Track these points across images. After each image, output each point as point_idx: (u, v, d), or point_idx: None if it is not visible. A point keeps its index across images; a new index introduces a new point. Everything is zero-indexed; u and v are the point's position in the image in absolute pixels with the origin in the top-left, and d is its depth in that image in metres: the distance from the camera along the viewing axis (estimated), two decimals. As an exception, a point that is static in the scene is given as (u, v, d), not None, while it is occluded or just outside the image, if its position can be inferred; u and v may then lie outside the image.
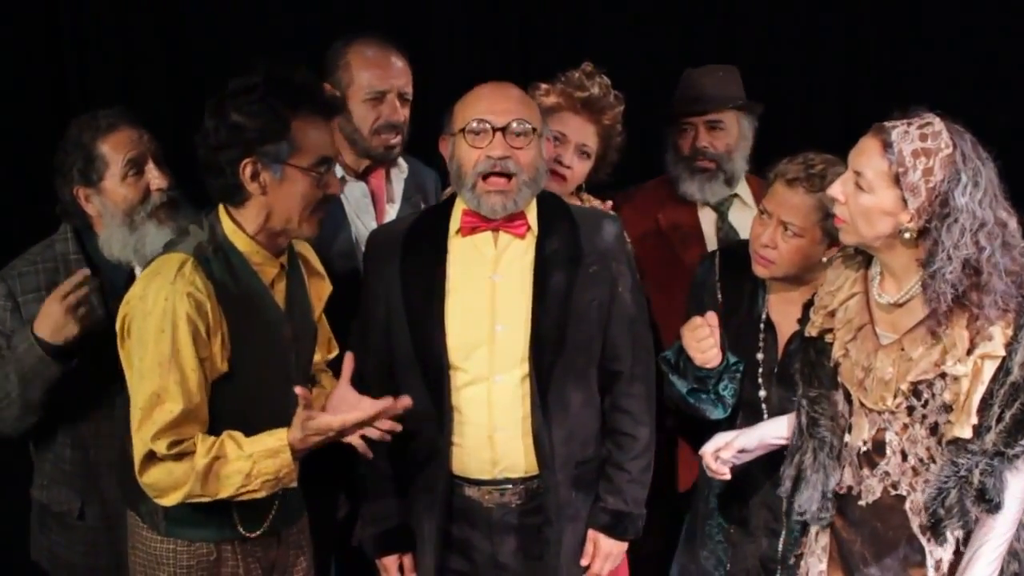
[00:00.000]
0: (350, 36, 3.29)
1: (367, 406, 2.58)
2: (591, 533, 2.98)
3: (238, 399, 2.63)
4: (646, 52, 4.41)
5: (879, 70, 4.47)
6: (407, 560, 2.99)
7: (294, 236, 2.71)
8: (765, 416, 3.07)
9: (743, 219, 3.53)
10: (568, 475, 2.91)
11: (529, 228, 2.88)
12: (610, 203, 3.41)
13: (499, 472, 2.88)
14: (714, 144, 3.57)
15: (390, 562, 2.99)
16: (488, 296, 2.85)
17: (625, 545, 3.03)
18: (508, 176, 2.79)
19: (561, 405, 2.86)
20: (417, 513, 2.95)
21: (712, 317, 2.95)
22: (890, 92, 4.37)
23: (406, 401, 2.60)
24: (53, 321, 2.81)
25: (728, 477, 2.92)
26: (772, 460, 2.97)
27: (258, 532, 2.72)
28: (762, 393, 3.08)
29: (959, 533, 2.61)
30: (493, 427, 2.85)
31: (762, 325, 3.09)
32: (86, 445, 2.99)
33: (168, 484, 2.56)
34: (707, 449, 2.92)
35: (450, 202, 2.93)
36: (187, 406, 2.54)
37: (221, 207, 2.66)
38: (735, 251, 3.19)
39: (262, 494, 2.59)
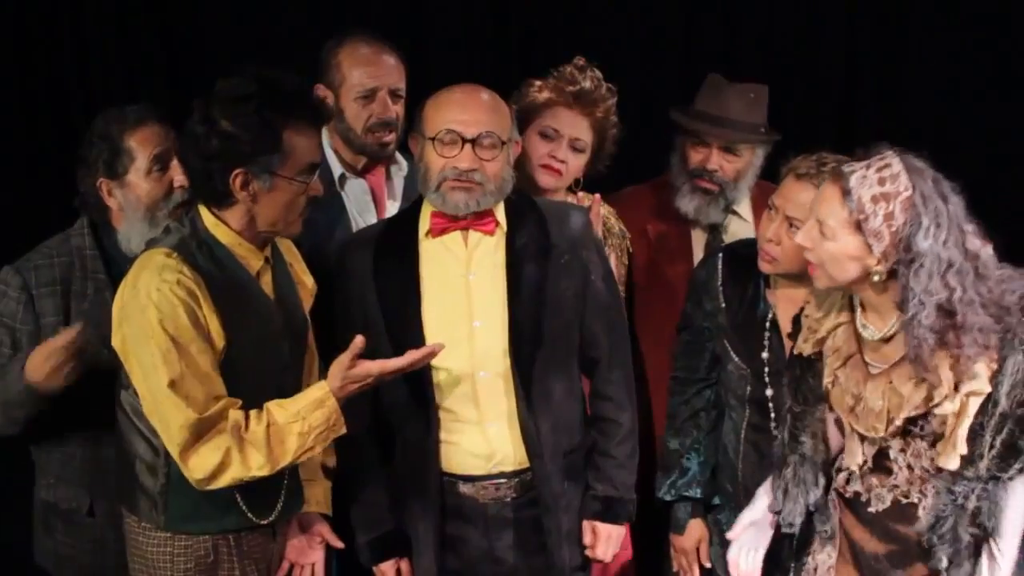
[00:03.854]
0: (342, 34, 3.30)
1: (406, 357, 2.61)
2: (586, 523, 2.99)
3: (241, 387, 2.63)
4: (646, 51, 4.41)
5: (879, 71, 4.46)
6: (404, 564, 2.99)
7: (277, 235, 2.73)
8: (772, 415, 3.07)
9: (738, 235, 3.50)
10: (558, 465, 2.92)
11: (498, 224, 2.89)
12: (598, 196, 3.37)
13: (493, 467, 2.89)
14: (724, 168, 3.48)
15: (387, 567, 2.99)
16: (464, 294, 2.86)
17: (623, 528, 3.04)
18: (473, 182, 2.80)
19: (545, 396, 2.87)
20: (411, 515, 2.95)
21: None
22: (890, 94, 4.38)
23: (439, 346, 2.65)
24: (41, 371, 2.78)
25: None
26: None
27: (268, 519, 2.73)
28: (769, 392, 3.07)
29: (949, 552, 2.61)
30: (484, 422, 2.86)
31: (768, 324, 3.09)
32: (96, 440, 2.97)
33: (213, 464, 2.54)
34: (731, 555, 2.89)
35: (417, 205, 2.94)
36: (201, 386, 2.54)
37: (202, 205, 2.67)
38: (738, 251, 3.18)
39: (318, 450, 2.60)
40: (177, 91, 4.09)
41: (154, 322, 2.52)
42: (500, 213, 2.89)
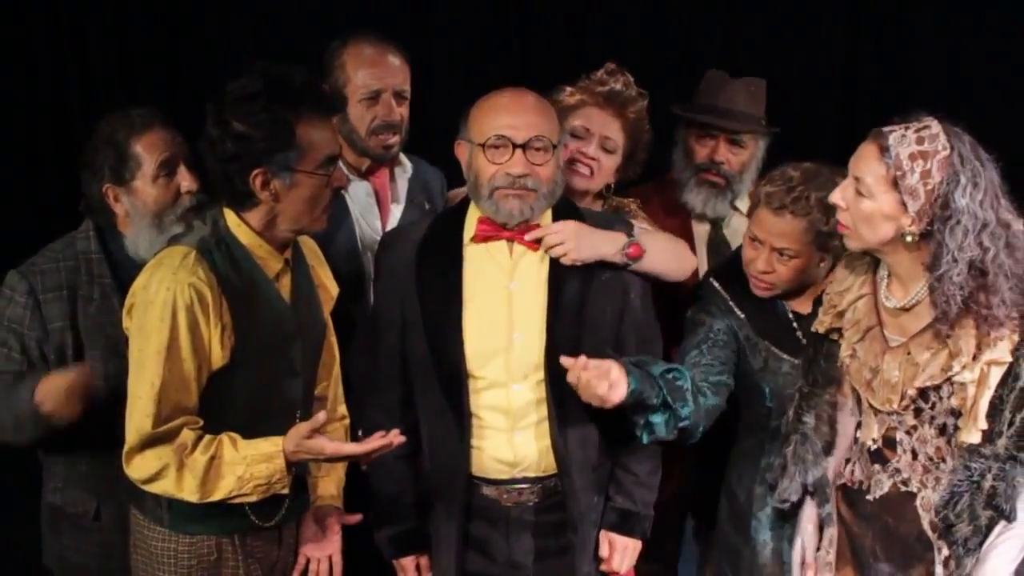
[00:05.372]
0: (347, 35, 3.28)
1: (363, 444, 2.61)
2: (603, 533, 3.00)
3: (244, 390, 2.65)
4: (647, 52, 4.42)
5: (880, 72, 4.46)
6: (423, 561, 3.00)
7: (304, 232, 2.73)
8: None
9: (739, 230, 3.46)
10: (586, 480, 2.92)
11: None
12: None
13: (517, 472, 2.89)
14: (730, 161, 3.49)
15: (407, 563, 3.00)
16: (505, 304, 2.85)
17: (639, 543, 3.03)
18: (526, 189, 2.78)
19: (576, 411, 2.85)
20: (435, 514, 2.96)
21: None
22: (891, 95, 4.38)
23: (400, 438, 2.61)
24: (55, 402, 2.77)
25: None
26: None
27: (271, 523, 2.74)
28: None
29: (968, 531, 2.61)
30: (512, 430, 2.86)
31: (795, 324, 3.07)
32: (102, 444, 2.92)
33: (150, 472, 2.58)
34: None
35: (463, 208, 2.92)
36: (176, 396, 2.56)
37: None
38: (729, 267, 3.14)
39: (253, 498, 2.60)
40: (177, 94, 4.10)
41: (155, 320, 2.54)
42: (546, 224, 2.86)
